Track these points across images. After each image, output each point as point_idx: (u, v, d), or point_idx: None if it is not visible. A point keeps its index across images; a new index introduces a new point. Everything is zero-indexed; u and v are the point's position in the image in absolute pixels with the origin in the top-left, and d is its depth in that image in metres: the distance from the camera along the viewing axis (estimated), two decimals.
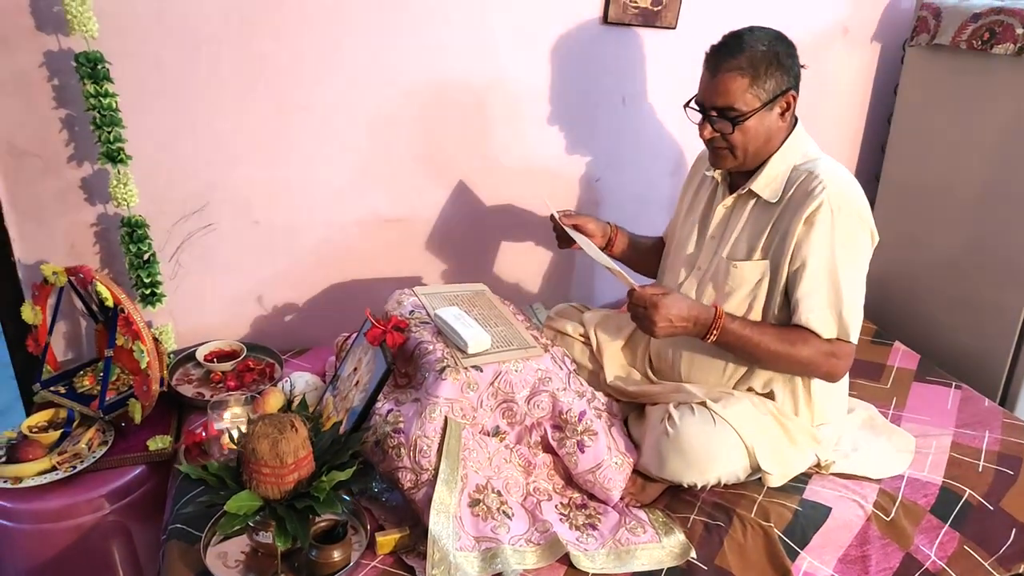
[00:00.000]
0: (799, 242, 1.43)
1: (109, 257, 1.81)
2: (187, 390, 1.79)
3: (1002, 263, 2.02)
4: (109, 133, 1.60)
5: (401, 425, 1.43)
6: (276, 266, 1.94)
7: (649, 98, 2.13)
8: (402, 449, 1.40)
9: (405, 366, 1.59)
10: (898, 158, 2.34)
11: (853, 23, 2.28)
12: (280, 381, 1.79)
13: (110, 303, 1.58)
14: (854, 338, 1.46)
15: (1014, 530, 1.61)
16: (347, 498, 1.44)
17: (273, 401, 1.70)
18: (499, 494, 1.44)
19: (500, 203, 2.09)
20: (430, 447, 1.39)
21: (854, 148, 2.48)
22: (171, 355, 1.85)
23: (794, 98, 1.45)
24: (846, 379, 1.64)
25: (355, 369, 1.63)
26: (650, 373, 1.73)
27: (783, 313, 1.50)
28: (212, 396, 1.78)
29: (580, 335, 1.82)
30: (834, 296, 1.43)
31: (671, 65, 2.09)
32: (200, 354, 1.87)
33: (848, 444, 1.71)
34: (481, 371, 1.46)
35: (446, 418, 1.42)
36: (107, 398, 1.63)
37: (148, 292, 1.77)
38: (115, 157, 1.64)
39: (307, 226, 1.93)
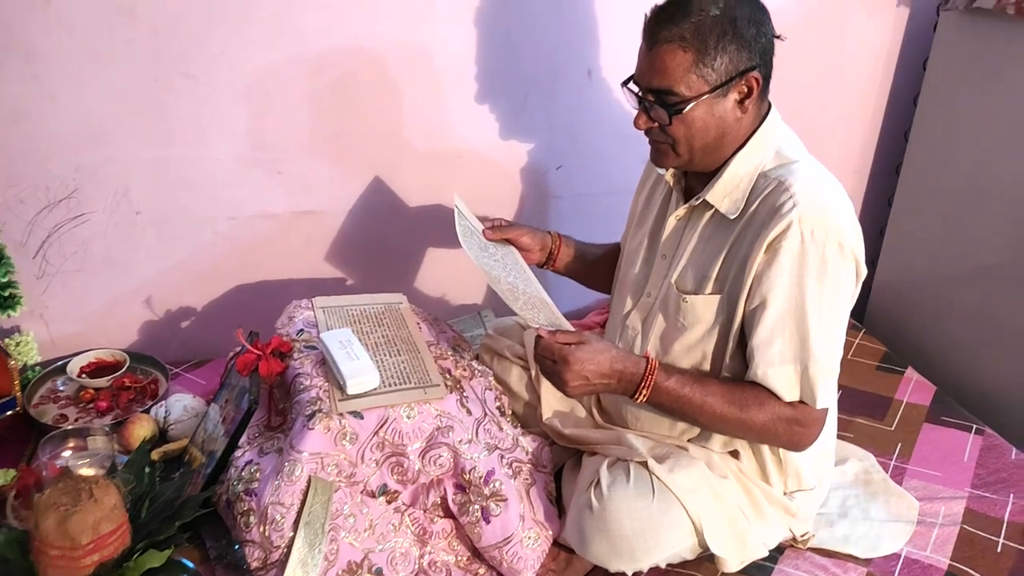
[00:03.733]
0: (759, 274, 1.10)
1: None
2: (49, 410, 1.52)
3: None
4: None
5: (255, 485, 1.14)
6: (166, 263, 1.65)
7: (620, 69, 1.76)
8: (251, 517, 1.12)
9: (285, 401, 1.30)
10: (924, 146, 1.96)
11: None
12: (154, 406, 1.51)
13: None
14: (823, 402, 1.13)
15: None
16: (190, 565, 1.16)
17: (139, 431, 1.43)
18: (379, 573, 1.15)
19: (434, 195, 1.77)
20: (284, 517, 1.10)
21: (871, 134, 2.10)
22: (36, 368, 1.58)
23: (757, 81, 1.10)
24: (832, 428, 1.32)
25: (227, 401, 1.34)
26: (596, 412, 1.41)
27: (736, 362, 1.17)
28: (78, 419, 1.51)
29: (519, 357, 1.51)
30: (799, 347, 1.10)
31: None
32: (74, 366, 1.59)
33: (835, 506, 1.40)
34: (362, 418, 1.17)
35: (310, 478, 1.12)
36: None
37: (1, 295, 1.49)
38: None
39: (201, 217, 1.63)
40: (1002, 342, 1.78)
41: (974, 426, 1.62)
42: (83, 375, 1.59)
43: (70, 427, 1.44)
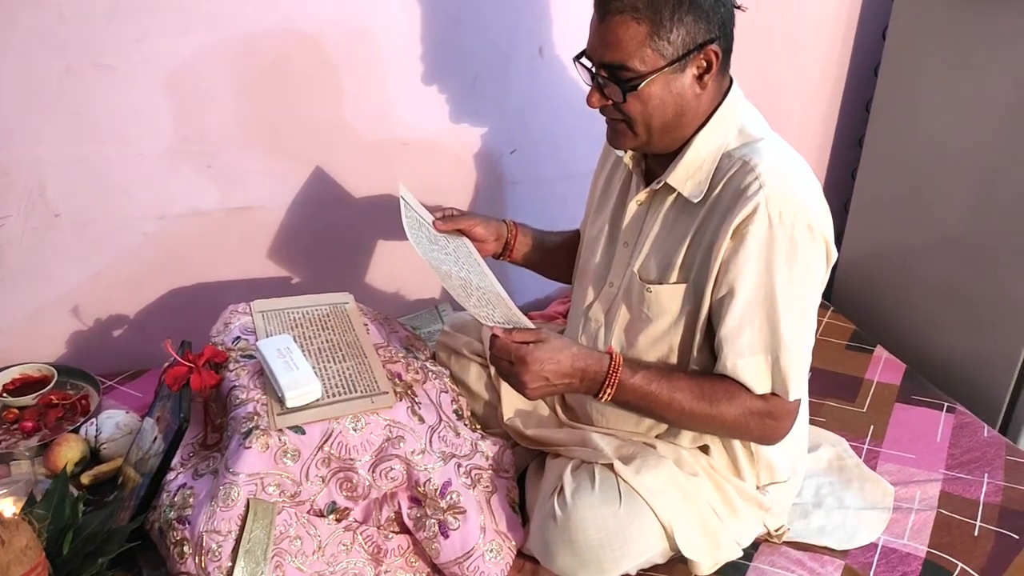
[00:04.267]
0: (725, 261, 1.03)
1: None
2: None
3: (1013, 246, 1.62)
4: None
5: (189, 512, 1.05)
6: (92, 268, 1.53)
7: (574, 47, 1.68)
8: (186, 547, 1.02)
9: (222, 416, 1.20)
10: (886, 118, 1.91)
11: None
12: (84, 424, 1.40)
13: None
14: (795, 393, 1.07)
15: None
16: None
17: (66, 452, 1.33)
18: None
19: (381, 184, 1.67)
20: (221, 546, 1.01)
21: (833, 106, 2.05)
22: None
23: (717, 55, 1.02)
24: (804, 415, 1.26)
25: (159, 417, 1.24)
26: (559, 410, 1.34)
27: (704, 355, 1.11)
28: (1, 443, 1.39)
29: (477, 355, 1.43)
30: (770, 336, 1.04)
31: None
32: None
33: (809, 495, 1.35)
34: (304, 433, 1.08)
35: (248, 501, 1.03)
36: None
37: None
38: None
39: (128, 218, 1.51)
40: (969, 315, 1.75)
41: (945, 404, 1.58)
42: (5, 393, 1.47)
43: None
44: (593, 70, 1.06)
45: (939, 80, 1.75)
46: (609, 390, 1.06)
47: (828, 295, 2.09)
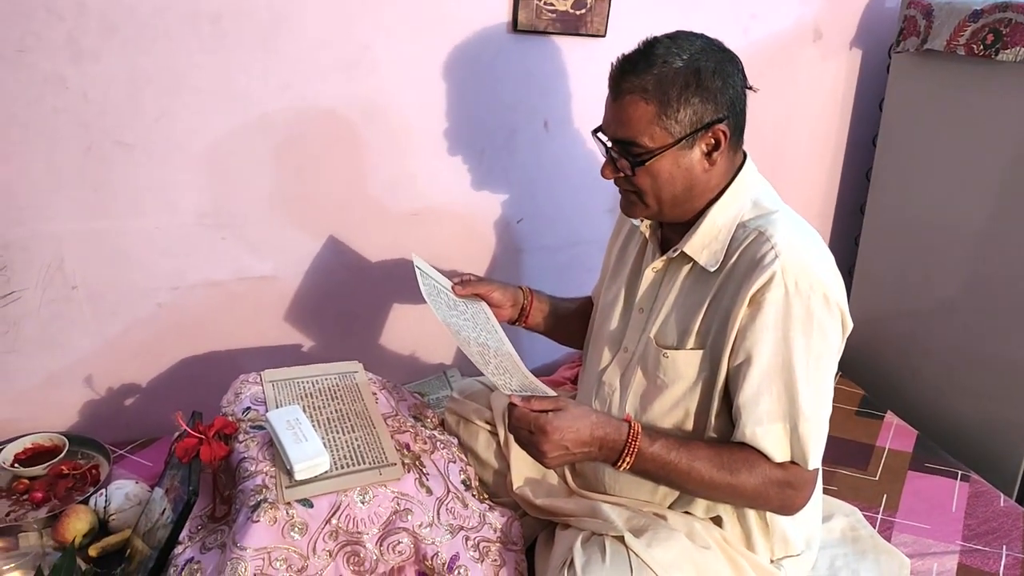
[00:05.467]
0: (742, 328, 1.05)
1: None
2: None
3: (1016, 312, 1.63)
4: None
5: None
6: (106, 338, 1.56)
7: (577, 121, 1.75)
8: None
9: (231, 488, 1.20)
10: (886, 186, 1.95)
11: (827, 25, 1.90)
12: (94, 495, 1.39)
13: None
14: (815, 462, 1.07)
15: None
16: None
17: (75, 524, 1.32)
18: None
19: (393, 252, 1.71)
20: None
21: (834, 175, 2.09)
22: None
23: (725, 134, 1.07)
24: (818, 485, 1.25)
25: (168, 489, 1.24)
26: (570, 478, 1.33)
27: (722, 421, 1.11)
28: (10, 513, 1.39)
29: (486, 422, 1.43)
30: (788, 404, 1.05)
31: (602, 80, 1.70)
32: (8, 454, 1.48)
33: (823, 568, 1.33)
34: (312, 506, 1.07)
35: None
36: None
37: None
38: None
39: (142, 289, 1.54)
40: (978, 380, 1.75)
41: (959, 472, 1.56)
42: (16, 463, 1.47)
43: None
44: (608, 144, 1.10)
45: (935, 149, 1.79)
46: (628, 459, 1.06)
47: None
